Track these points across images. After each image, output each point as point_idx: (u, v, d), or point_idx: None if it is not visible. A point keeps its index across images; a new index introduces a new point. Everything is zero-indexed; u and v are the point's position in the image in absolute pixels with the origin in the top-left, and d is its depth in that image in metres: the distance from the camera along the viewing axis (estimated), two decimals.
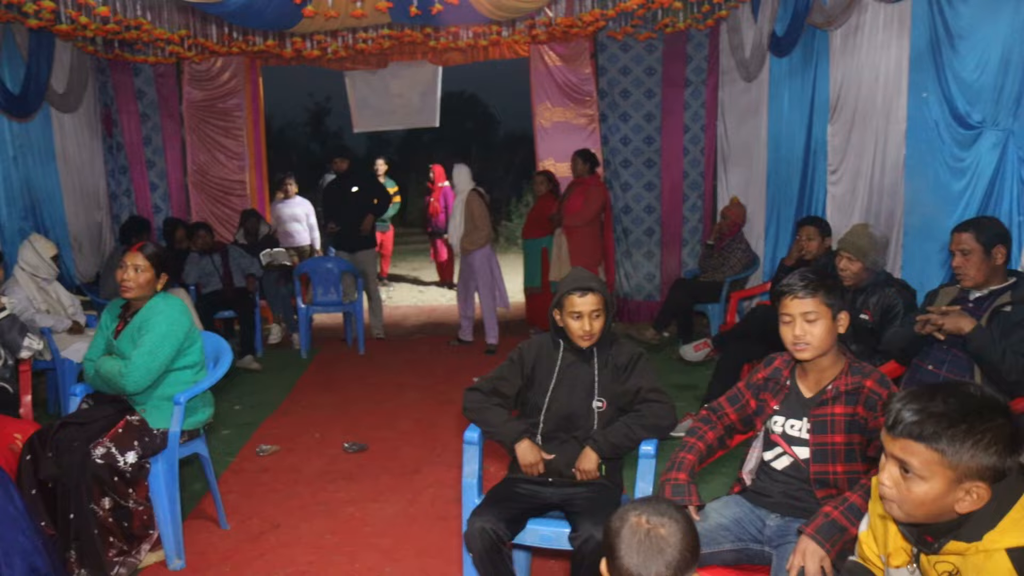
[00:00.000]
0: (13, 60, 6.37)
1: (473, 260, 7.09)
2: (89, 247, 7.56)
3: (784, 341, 2.39)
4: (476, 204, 7.02)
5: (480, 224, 7.01)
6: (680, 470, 2.45)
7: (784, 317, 2.38)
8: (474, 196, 7.09)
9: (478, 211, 7.00)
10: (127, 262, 3.39)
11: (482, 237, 7.03)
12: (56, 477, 3.13)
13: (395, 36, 7.19)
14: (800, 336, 2.34)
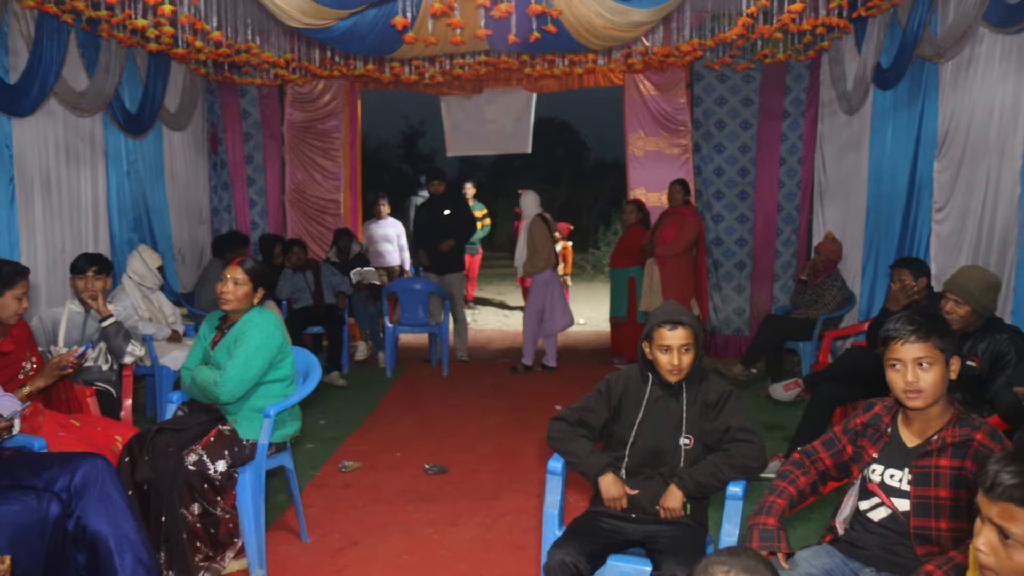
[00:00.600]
0: (132, 81, 6.74)
1: (535, 284, 7.16)
2: (191, 259, 7.88)
3: (893, 388, 2.27)
4: (538, 229, 7.15)
5: (540, 249, 7.11)
6: (770, 515, 2.36)
7: (893, 363, 2.27)
8: (537, 221, 7.21)
9: (539, 237, 7.12)
10: (227, 275, 3.51)
11: (542, 262, 7.14)
12: (151, 480, 3.23)
13: (491, 62, 7.29)
14: (912, 383, 2.22)
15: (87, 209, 6.16)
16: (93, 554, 2.77)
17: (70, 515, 2.75)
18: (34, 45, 5.39)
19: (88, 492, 2.78)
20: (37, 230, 5.55)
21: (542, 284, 7.22)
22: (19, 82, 5.27)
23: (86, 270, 4.44)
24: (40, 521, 2.67)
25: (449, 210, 7.59)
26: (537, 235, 7.14)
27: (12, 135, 5.31)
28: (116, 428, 3.71)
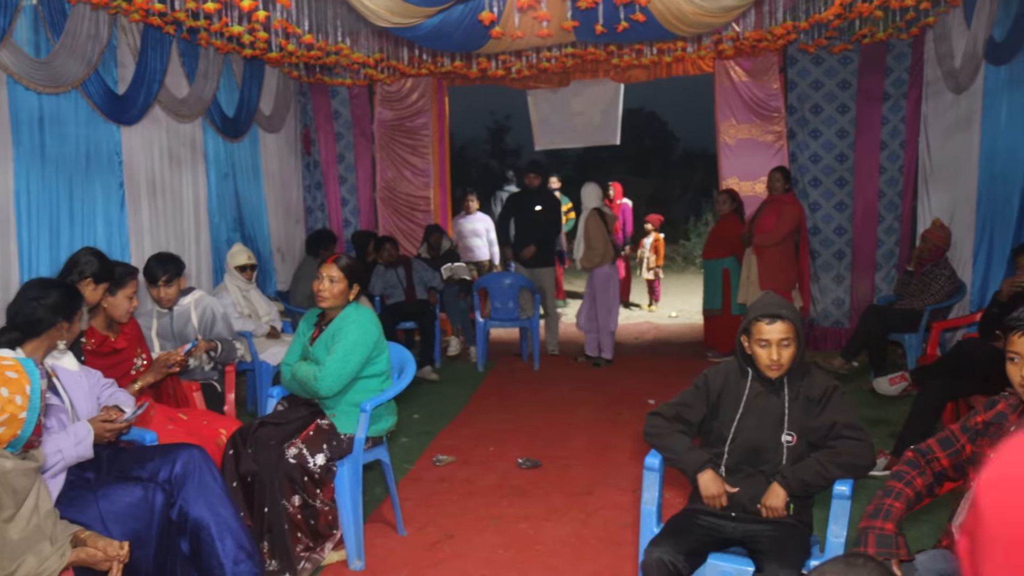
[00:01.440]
0: (229, 86, 6.97)
1: (594, 277, 7.10)
2: (288, 257, 8.11)
3: (1013, 382, 2.14)
4: (593, 224, 7.07)
5: (595, 244, 7.04)
6: (887, 519, 2.24)
7: (1012, 356, 2.13)
8: (593, 216, 7.12)
9: (594, 231, 7.05)
10: (323, 273, 3.58)
11: (597, 256, 7.06)
12: (254, 472, 3.34)
13: (578, 54, 7.23)
14: None
15: (189, 210, 6.41)
16: (196, 541, 2.90)
17: (173, 504, 2.89)
18: (140, 56, 5.64)
19: (188, 481, 2.91)
20: (144, 232, 5.81)
21: (605, 277, 7.16)
22: (127, 92, 5.52)
23: (158, 279, 4.33)
24: (148, 511, 2.79)
25: (540, 206, 7.57)
26: (592, 229, 7.07)
27: (121, 142, 5.57)
28: (221, 422, 3.84)
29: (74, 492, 2.77)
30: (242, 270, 5.80)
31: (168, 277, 4.32)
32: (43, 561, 2.21)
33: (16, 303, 2.99)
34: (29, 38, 4.70)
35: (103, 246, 5.20)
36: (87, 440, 2.79)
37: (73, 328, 3.10)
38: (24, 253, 4.70)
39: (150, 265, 4.35)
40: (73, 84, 4.96)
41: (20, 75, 4.56)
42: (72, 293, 3.12)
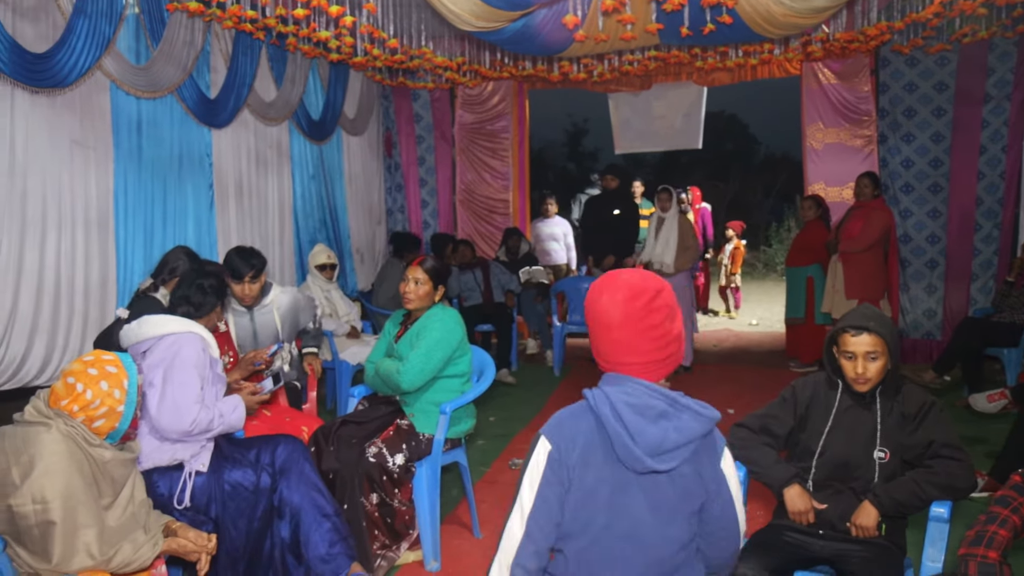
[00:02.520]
0: (315, 90, 7.14)
1: (676, 282, 6.97)
2: (368, 259, 8.24)
3: None
4: (687, 225, 7.04)
5: (691, 244, 6.98)
6: (991, 547, 2.13)
7: None
8: (684, 217, 7.09)
9: (689, 231, 7.02)
10: (409, 276, 3.65)
11: (692, 258, 7.00)
12: (335, 470, 3.39)
13: (661, 57, 7.13)
14: None
15: (274, 211, 6.57)
16: (295, 525, 3.05)
17: (275, 489, 3.05)
18: (231, 62, 5.81)
19: (290, 470, 3.07)
20: (232, 232, 5.98)
21: (685, 280, 7.09)
22: (218, 96, 5.70)
23: (243, 276, 4.14)
24: (254, 492, 3.00)
25: (619, 210, 7.50)
26: (688, 229, 7.06)
27: (212, 145, 5.75)
28: (303, 419, 3.92)
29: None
30: (322, 269, 5.92)
31: (254, 273, 4.15)
32: (137, 549, 2.29)
33: (183, 286, 3.28)
34: (131, 45, 4.90)
35: (193, 245, 5.37)
36: (240, 409, 3.07)
37: (220, 313, 3.39)
38: (121, 251, 4.89)
39: (233, 261, 4.15)
40: (169, 89, 5.15)
41: (122, 81, 4.75)
42: (223, 279, 3.42)
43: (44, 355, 4.34)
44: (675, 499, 1.73)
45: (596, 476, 1.71)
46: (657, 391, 1.72)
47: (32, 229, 4.29)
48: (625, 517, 1.71)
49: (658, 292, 1.77)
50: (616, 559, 1.70)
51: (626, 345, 1.73)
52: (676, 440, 1.68)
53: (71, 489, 2.21)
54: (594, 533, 1.71)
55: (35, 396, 2.35)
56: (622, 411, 1.68)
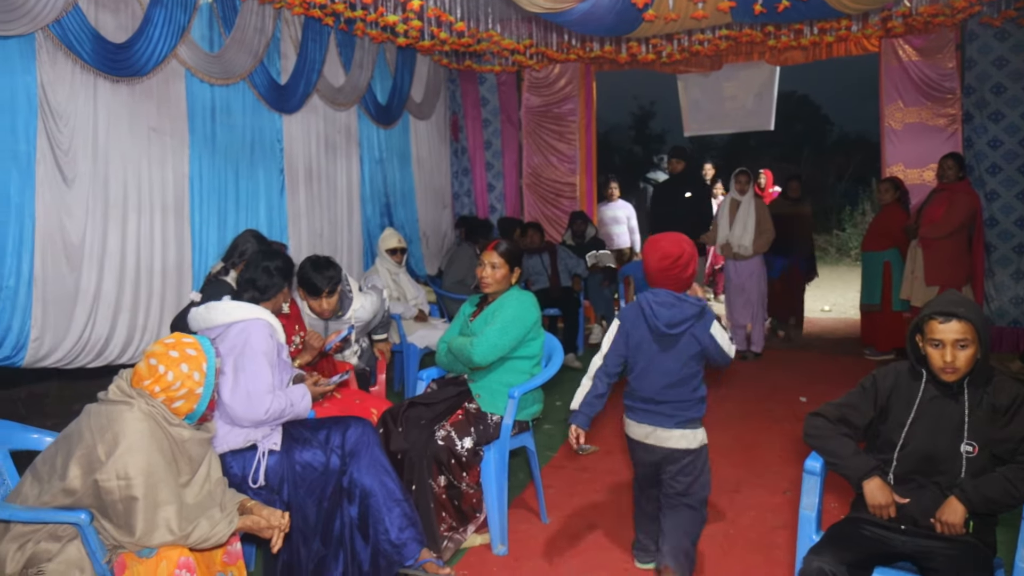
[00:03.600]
0: (383, 75, 7.18)
1: (740, 268, 6.89)
2: (435, 242, 8.29)
3: None
4: (764, 207, 6.95)
5: (768, 228, 6.89)
6: None
7: None
8: (760, 200, 7.00)
9: (766, 214, 6.94)
10: (484, 260, 3.67)
11: (768, 242, 6.91)
12: (404, 451, 3.42)
13: (733, 36, 6.96)
14: None
15: (342, 196, 6.65)
16: (364, 508, 3.10)
17: (344, 471, 3.10)
18: (300, 48, 5.88)
19: (360, 453, 3.12)
20: (301, 216, 6.07)
21: (750, 269, 6.97)
22: (288, 82, 5.78)
23: (320, 292, 3.91)
24: (323, 473, 3.04)
25: (690, 192, 7.37)
26: (764, 212, 6.95)
27: (282, 130, 5.83)
28: (372, 401, 3.96)
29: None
30: (392, 253, 5.96)
31: (330, 288, 3.92)
32: (214, 526, 2.34)
33: (249, 270, 3.30)
34: (204, 34, 4.99)
35: (264, 229, 5.48)
36: (307, 398, 3.15)
37: (287, 294, 3.41)
38: (196, 235, 5.02)
39: (309, 276, 3.88)
40: (241, 76, 5.24)
41: (196, 68, 4.85)
42: (289, 260, 3.43)
43: (126, 335, 4.49)
44: (681, 348, 3.07)
45: (640, 335, 3.13)
46: (671, 295, 3.06)
47: (114, 213, 4.43)
48: (655, 355, 3.10)
49: (679, 256, 3.07)
50: (652, 373, 3.11)
51: (657, 279, 3.10)
52: (679, 317, 3.03)
53: (152, 467, 2.27)
54: (642, 363, 3.13)
55: (118, 376, 2.42)
56: (651, 304, 3.08)
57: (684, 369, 3.05)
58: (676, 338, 3.03)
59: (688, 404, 3.06)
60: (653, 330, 3.05)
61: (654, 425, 3.10)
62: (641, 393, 3.12)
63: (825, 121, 29.46)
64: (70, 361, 4.23)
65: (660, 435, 3.09)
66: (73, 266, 4.20)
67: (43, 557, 2.27)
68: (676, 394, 3.05)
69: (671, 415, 3.06)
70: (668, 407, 3.06)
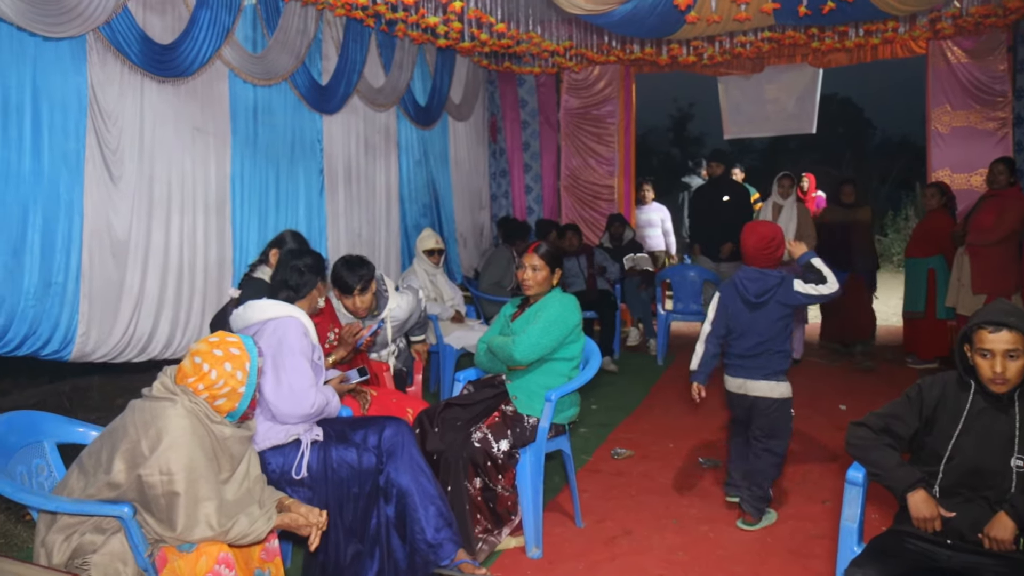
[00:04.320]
0: (422, 76, 7.21)
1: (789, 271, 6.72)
2: (472, 243, 8.30)
3: None
4: (806, 212, 6.86)
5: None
6: None
7: None
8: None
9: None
10: (525, 263, 3.67)
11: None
12: (439, 451, 3.42)
13: (775, 38, 6.88)
14: None
15: (381, 196, 6.69)
16: (401, 507, 3.11)
17: (381, 470, 3.11)
18: (342, 49, 5.93)
19: (397, 452, 3.13)
20: (340, 216, 6.12)
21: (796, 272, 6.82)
22: (329, 83, 5.83)
23: (352, 289, 4.00)
24: (359, 471, 3.05)
25: (728, 196, 7.31)
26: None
27: (323, 131, 5.88)
28: (408, 401, 3.97)
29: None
30: (429, 254, 5.98)
31: (362, 285, 4.00)
32: (253, 522, 2.36)
33: (280, 270, 3.35)
34: (248, 35, 5.06)
35: (303, 229, 5.53)
36: (336, 396, 3.21)
37: (323, 289, 3.43)
38: (237, 233, 5.08)
39: (340, 274, 3.99)
40: (283, 76, 5.29)
41: (239, 69, 4.92)
42: (320, 257, 3.46)
43: (169, 331, 4.56)
44: (769, 312, 3.73)
45: (735, 306, 3.80)
46: (756, 271, 3.77)
47: (158, 211, 4.50)
48: (748, 320, 3.76)
49: (772, 238, 3.78)
50: (747, 334, 3.76)
51: (753, 257, 3.79)
52: (764, 288, 3.73)
53: (194, 463, 2.30)
54: (739, 327, 3.79)
55: (163, 372, 2.46)
56: (742, 280, 3.80)
57: (772, 329, 3.72)
58: (764, 304, 3.72)
59: (774, 359, 3.73)
60: (745, 300, 3.76)
61: (745, 378, 3.77)
62: (736, 351, 3.80)
63: (868, 124, 29.01)
64: (115, 356, 4.31)
65: (750, 385, 3.77)
66: (119, 263, 4.27)
67: (88, 549, 2.32)
68: (765, 349, 3.72)
69: (760, 368, 3.73)
70: (758, 361, 3.72)
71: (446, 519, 3.13)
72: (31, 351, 3.87)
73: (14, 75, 3.73)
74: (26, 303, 3.78)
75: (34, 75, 3.81)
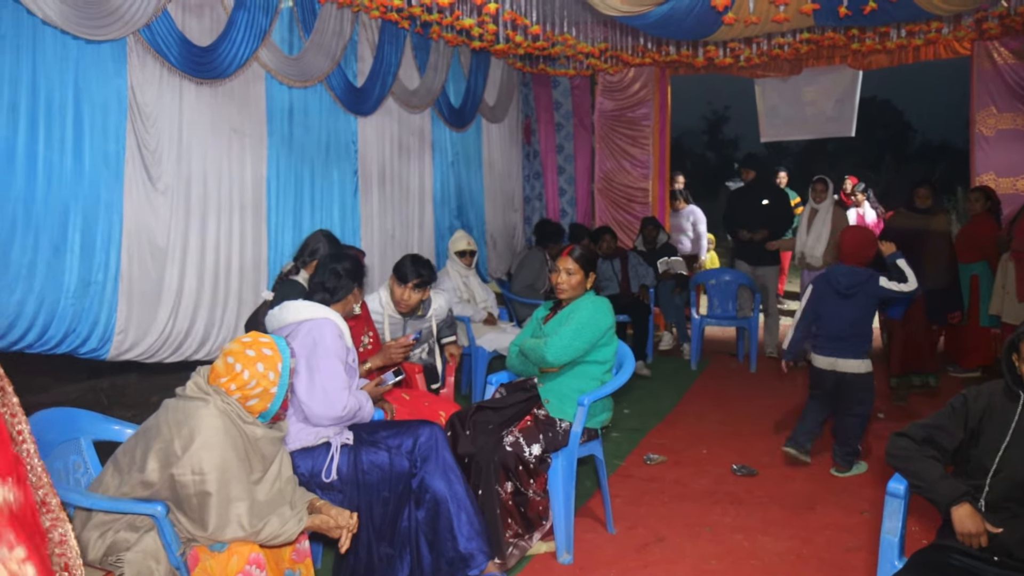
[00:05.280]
0: (456, 78, 7.21)
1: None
2: (503, 245, 8.28)
3: None
4: (844, 217, 6.77)
5: None
6: None
7: None
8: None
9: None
10: (560, 267, 3.65)
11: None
12: (471, 455, 3.40)
13: (815, 40, 6.76)
14: None
15: (415, 198, 6.70)
16: (433, 513, 3.08)
17: (414, 474, 3.09)
18: (377, 51, 5.95)
19: (431, 457, 3.11)
20: (373, 217, 6.14)
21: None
22: (364, 85, 5.85)
23: (407, 280, 4.20)
24: (390, 475, 3.05)
25: (768, 200, 7.21)
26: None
27: (357, 132, 5.91)
28: (441, 404, 3.96)
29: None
30: (461, 255, 5.97)
31: (419, 281, 4.17)
32: (284, 523, 2.36)
33: (319, 272, 3.36)
34: (284, 37, 5.09)
35: (337, 230, 5.55)
36: (370, 401, 3.21)
37: (359, 295, 3.43)
38: (272, 234, 5.11)
39: (405, 263, 4.23)
40: (319, 78, 5.32)
41: (276, 71, 4.95)
42: (358, 261, 3.46)
43: (204, 331, 4.60)
44: (856, 302, 4.40)
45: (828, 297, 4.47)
46: (846, 268, 4.46)
47: (195, 212, 4.55)
48: (838, 308, 4.43)
49: (865, 242, 4.51)
50: (836, 320, 4.42)
51: (849, 255, 4.47)
52: (853, 282, 4.40)
53: (226, 463, 2.31)
54: (830, 315, 4.44)
55: (196, 372, 2.47)
56: (836, 274, 4.47)
57: (859, 316, 4.43)
58: (852, 296, 4.40)
59: (860, 342, 4.45)
60: (837, 292, 4.45)
61: (836, 356, 4.46)
62: (827, 334, 4.48)
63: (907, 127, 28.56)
64: (151, 355, 4.36)
65: (840, 363, 4.45)
66: (157, 263, 4.32)
67: (122, 546, 2.33)
68: (853, 333, 4.42)
69: (849, 348, 4.43)
70: (847, 343, 4.42)
71: (477, 529, 3.10)
72: (70, 349, 3.93)
73: (57, 77, 3.79)
74: (66, 301, 3.84)
75: (76, 77, 3.87)
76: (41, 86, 3.72)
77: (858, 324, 4.43)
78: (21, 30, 3.61)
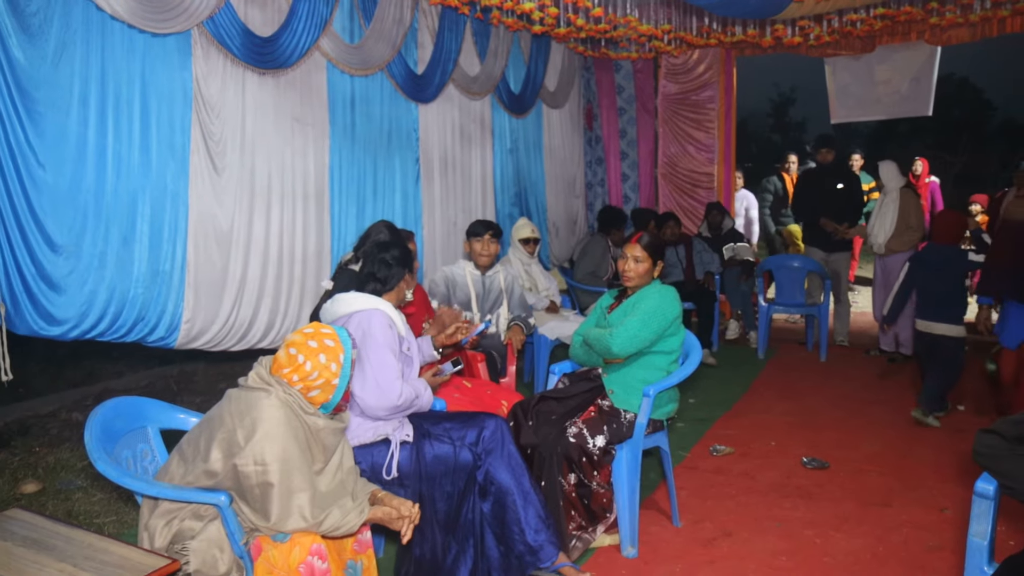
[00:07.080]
0: (516, 63, 7.14)
1: (895, 263, 6.35)
2: (565, 232, 8.20)
3: None
4: (912, 202, 6.48)
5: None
6: None
7: None
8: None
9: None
10: (627, 254, 3.58)
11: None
12: (534, 445, 3.36)
13: (890, 15, 6.48)
14: None
15: (476, 185, 6.66)
16: (499, 505, 3.04)
17: (479, 467, 3.05)
18: (437, 37, 5.91)
19: (496, 449, 3.06)
20: (435, 204, 6.13)
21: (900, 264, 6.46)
22: (425, 72, 5.83)
23: (483, 233, 4.81)
24: (453, 467, 3.01)
25: (842, 184, 6.97)
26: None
27: (418, 120, 5.89)
28: (503, 393, 3.93)
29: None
30: (525, 243, 5.92)
31: (494, 231, 4.85)
32: (346, 514, 2.35)
33: (368, 263, 3.32)
34: (345, 25, 5.09)
35: (399, 218, 5.56)
36: (429, 390, 3.17)
37: (411, 281, 3.39)
38: (335, 223, 5.14)
39: (476, 223, 4.92)
40: (379, 66, 5.31)
41: (337, 59, 4.96)
42: (406, 247, 3.43)
43: (267, 320, 4.65)
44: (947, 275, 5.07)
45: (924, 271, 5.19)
46: (938, 247, 5.18)
47: (259, 201, 4.59)
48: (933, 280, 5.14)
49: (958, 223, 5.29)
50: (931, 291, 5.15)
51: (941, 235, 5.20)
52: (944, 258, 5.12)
53: (288, 454, 2.30)
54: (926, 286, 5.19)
55: (258, 363, 2.47)
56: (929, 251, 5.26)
57: (950, 286, 5.10)
58: (944, 270, 5.07)
59: (952, 310, 5.09)
60: (932, 267, 5.13)
61: (932, 320, 5.11)
62: (924, 303, 5.19)
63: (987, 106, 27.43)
64: (216, 343, 4.42)
65: (934, 326, 5.11)
66: (222, 252, 4.38)
67: (187, 535, 2.35)
68: (946, 301, 5.10)
69: (944, 313, 5.08)
70: (940, 309, 5.08)
71: (544, 521, 3.05)
72: (139, 337, 4.01)
73: (124, 71, 3.85)
74: (135, 291, 3.91)
75: (143, 70, 3.93)
76: (110, 80, 3.78)
77: (949, 294, 5.09)
78: (90, 25, 3.67)
